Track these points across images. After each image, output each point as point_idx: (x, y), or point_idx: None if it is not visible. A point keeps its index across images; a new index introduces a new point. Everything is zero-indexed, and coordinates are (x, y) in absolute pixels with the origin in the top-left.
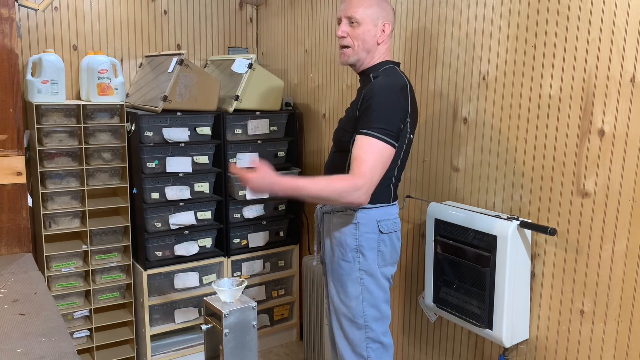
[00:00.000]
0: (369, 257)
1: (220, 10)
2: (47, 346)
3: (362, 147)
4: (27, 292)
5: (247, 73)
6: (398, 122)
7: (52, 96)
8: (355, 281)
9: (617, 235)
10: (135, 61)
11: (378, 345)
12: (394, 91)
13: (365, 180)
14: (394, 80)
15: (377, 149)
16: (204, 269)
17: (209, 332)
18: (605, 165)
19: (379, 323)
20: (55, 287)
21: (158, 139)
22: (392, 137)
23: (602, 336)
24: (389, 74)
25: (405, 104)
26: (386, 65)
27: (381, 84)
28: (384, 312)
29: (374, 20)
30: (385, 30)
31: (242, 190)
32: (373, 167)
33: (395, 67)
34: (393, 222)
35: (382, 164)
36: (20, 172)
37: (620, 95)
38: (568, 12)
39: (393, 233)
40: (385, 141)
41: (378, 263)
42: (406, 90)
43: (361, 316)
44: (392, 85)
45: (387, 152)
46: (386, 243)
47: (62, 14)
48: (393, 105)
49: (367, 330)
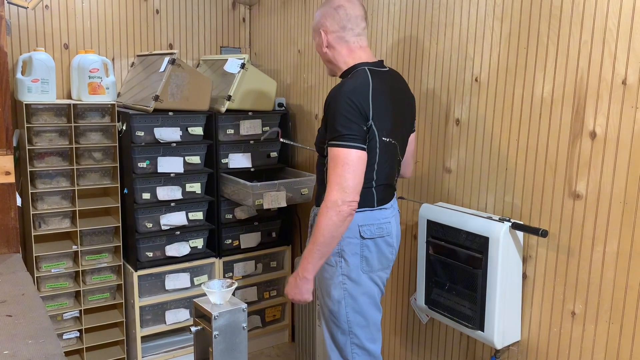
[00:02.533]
0: (351, 262)
1: (212, 10)
2: (34, 348)
3: (330, 160)
4: (14, 293)
5: (240, 73)
6: (359, 125)
7: (42, 95)
8: (337, 285)
9: (609, 237)
10: (126, 60)
11: (364, 352)
12: (351, 96)
13: (336, 191)
14: (354, 84)
15: (341, 157)
16: (195, 270)
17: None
18: (597, 167)
19: (364, 330)
20: (45, 288)
21: (149, 139)
22: (354, 139)
23: (593, 338)
24: (351, 78)
25: (363, 105)
26: (358, 67)
27: (338, 90)
28: (371, 318)
29: (315, 32)
30: (325, 36)
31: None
32: (340, 176)
33: (364, 69)
34: (378, 227)
35: (350, 168)
36: (8, 171)
37: (612, 97)
38: (560, 14)
39: (379, 238)
40: (346, 146)
41: (362, 268)
42: (365, 91)
43: (345, 321)
44: (349, 90)
45: (351, 155)
46: (370, 249)
47: (53, 12)
48: (351, 110)
49: (351, 336)
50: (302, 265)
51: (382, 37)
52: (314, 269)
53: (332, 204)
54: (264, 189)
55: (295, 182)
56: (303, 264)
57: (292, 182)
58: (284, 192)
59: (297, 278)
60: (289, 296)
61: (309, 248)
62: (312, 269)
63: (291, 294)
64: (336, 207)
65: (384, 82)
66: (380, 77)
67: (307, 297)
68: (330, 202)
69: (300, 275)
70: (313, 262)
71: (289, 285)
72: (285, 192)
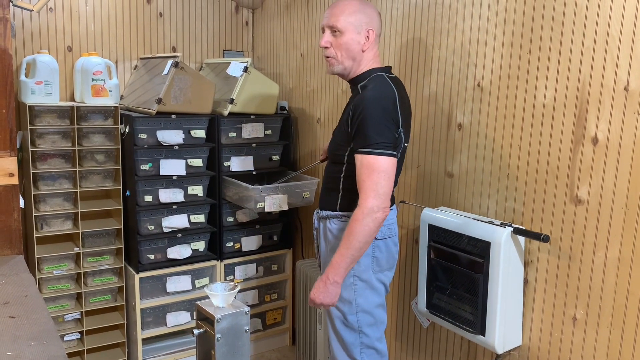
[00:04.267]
0: (362, 263)
1: (216, 13)
2: (37, 350)
3: (362, 168)
4: (17, 294)
5: (243, 76)
6: (392, 132)
7: (45, 97)
8: (348, 286)
9: (610, 242)
10: (130, 63)
11: (373, 351)
12: (384, 103)
13: (373, 198)
14: (383, 91)
15: (377, 165)
16: (196, 273)
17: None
18: (599, 173)
19: (372, 328)
20: (47, 290)
21: (152, 142)
22: (390, 147)
23: (594, 343)
24: (377, 84)
25: (395, 114)
26: (374, 73)
27: (369, 96)
28: (378, 317)
29: (357, 28)
30: (369, 36)
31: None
32: (376, 183)
33: (383, 75)
34: (388, 228)
35: (385, 175)
36: (12, 173)
37: (614, 103)
38: (563, 20)
39: (389, 239)
40: (383, 154)
41: (373, 269)
42: (394, 99)
43: (355, 321)
44: (380, 97)
45: (387, 163)
46: (381, 249)
47: (57, 15)
48: (384, 117)
49: (361, 335)
50: (334, 269)
51: (386, 41)
52: (345, 273)
53: (369, 211)
54: (266, 192)
55: (297, 185)
56: (334, 268)
57: (294, 186)
58: (285, 195)
59: (327, 282)
60: (316, 300)
61: (342, 253)
62: (343, 273)
63: (320, 298)
64: (373, 214)
65: (401, 90)
66: (397, 85)
67: (335, 301)
68: (367, 209)
69: (331, 279)
70: (345, 267)
71: (316, 289)
72: (287, 195)
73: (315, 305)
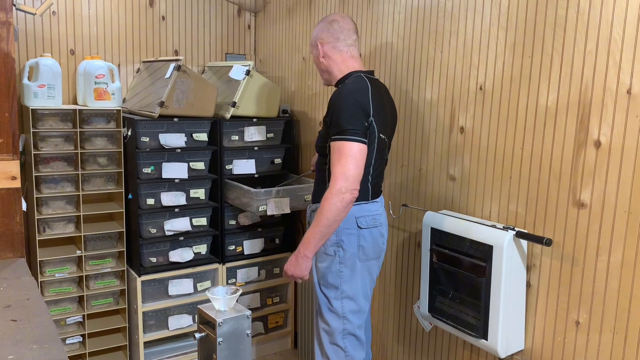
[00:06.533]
0: (348, 251)
1: (218, 17)
2: (38, 353)
3: (333, 153)
4: (19, 297)
5: (245, 80)
6: (362, 121)
7: (48, 100)
8: (334, 273)
9: (613, 246)
10: (132, 66)
11: (353, 338)
12: (355, 95)
13: (341, 180)
14: (355, 85)
15: (345, 150)
16: (198, 276)
17: (203, 341)
18: (601, 177)
19: (355, 316)
20: (49, 293)
21: (154, 145)
22: (359, 134)
23: (598, 347)
24: (352, 80)
25: (366, 104)
26: (354, 74)
27: (343, 90)
28: (362, 306)
29: (314, 47)
30: (321, 47)
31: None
32: (344, 166)
33: (360, 74)
34: (372, 218)
35: (354, 160)
36: (14, 176)
37: (617, 107)
38: (565, 24)
39: (374, 228)
40: (352, 140)
41: (359, 257)
42: (365, 91)
43: (339, 306)
44: (352, 90)
45: (356, 149)
46: (366, 238)
47: (60, 19)
48: (355, 107)
49: (344, 322)
50: (304, 245)
51: (388, 45)
52: (314, 249)
53: (336, 192)
54: (268, 196)
55: (299, 188)
56: (305, 244)
57: (296, 189)
58: (287, 198)
59: (298, 256)
60: (288, 272)
61: (312, 230)
62: (313, 248)
63: (291, 270)
64: (340, 195)
65: (378, 87)
66: (373, 83)
67: (306, 274)
68: (335, 189)
69: (301, 253)
70: (315, 242)
71: (289, 263)
72: (289, 198)
73: (288, 277)
